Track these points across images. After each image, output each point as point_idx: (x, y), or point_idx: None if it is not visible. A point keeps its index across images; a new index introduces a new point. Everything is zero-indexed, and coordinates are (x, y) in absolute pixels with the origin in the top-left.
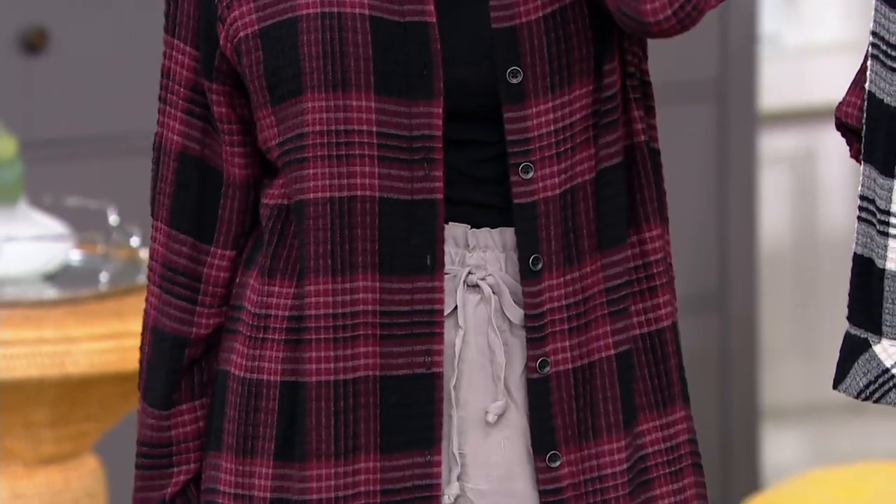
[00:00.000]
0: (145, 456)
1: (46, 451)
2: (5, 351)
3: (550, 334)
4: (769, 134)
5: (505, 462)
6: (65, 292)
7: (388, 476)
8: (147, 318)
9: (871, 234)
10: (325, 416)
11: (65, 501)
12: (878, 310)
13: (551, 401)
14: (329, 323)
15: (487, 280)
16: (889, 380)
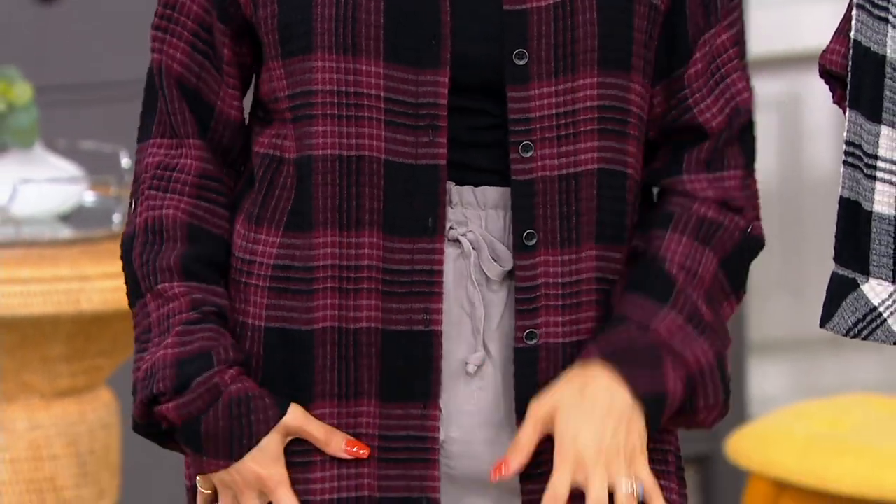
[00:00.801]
0: (206, 314)
1: (62, 385)
2: (22, 288)
3: (543, 307)
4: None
5: (477, 410)
6: (79, 232)
7: (386, 423)
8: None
9: (858, 177)
10: (331, 360)
11: (80, 432)
12: (865, 250)
13: (537, 370)
14: (335, 273)
15: (468, 236)
16: (877, 317)
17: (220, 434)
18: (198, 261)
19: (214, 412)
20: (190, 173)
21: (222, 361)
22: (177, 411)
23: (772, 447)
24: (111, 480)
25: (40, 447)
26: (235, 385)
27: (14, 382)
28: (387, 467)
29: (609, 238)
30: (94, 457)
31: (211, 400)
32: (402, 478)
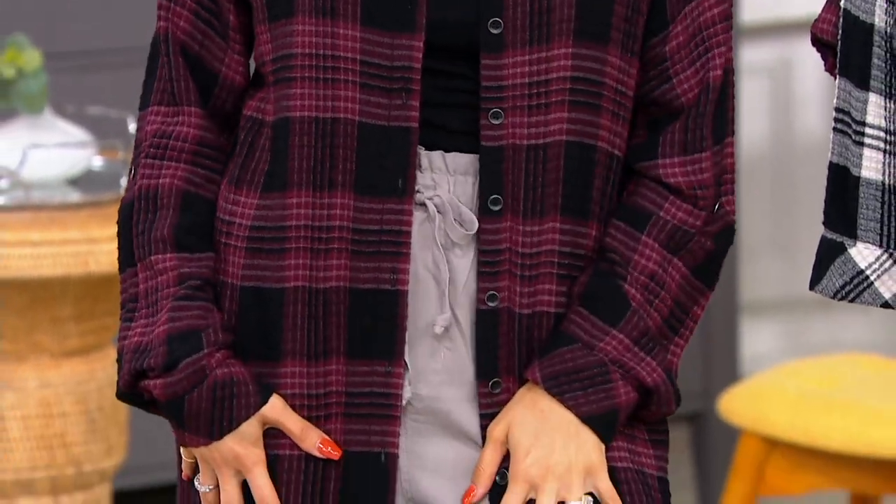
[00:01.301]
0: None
1: (71, 344)
2: (32, 251)
3: (506, 272)
4: (749, 46)
5: (445, 370)
6: (87, 196)
7: (352, 380)
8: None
9: (847, 143)
10: (301, 319)
11: (89, 390)
12: (853, 215)
13: (498, 333)
14: (308, 234)
15: (434, 200)
16: (864, 280)
17: (203, 414)
18: (190, 231)
19: (199, 393)
20: (187, 141)
21: (211, 343)
22: (163, 389)
23: (763, 405)
24: (119, 437)
25: (50, 405)
26: (221, 369)
27: (24, 342)
28: (350, 422)
29: (574, 211)
30: (102, 414)
31: (196, 381)
32: (364, 433)
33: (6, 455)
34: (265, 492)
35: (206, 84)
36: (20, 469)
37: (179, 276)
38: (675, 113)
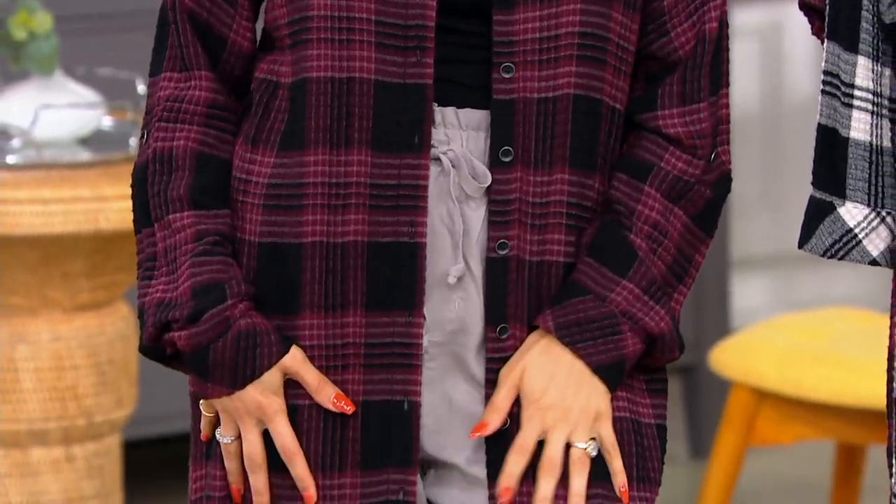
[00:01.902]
0: (214, 244)
1: (83, 299)
2: (44, 208)
3: (515, 221)
4: (740, 9)
5: (458, 319)
6: (97, 155)
7: (372, 331)
8: (177, 150)
9: (836, 105)
10: (319, 273)
11: (99, 344)
12: (841, 175)
13: (507, 280)
14: (325, 191)
15: (448, 154)
16: (852, 239)
17: (227, 364)
18: (205, 191)
19: (223, 343)
20: (199, 104)
21: (234, 295)
22: (188, 340)
23: (753, 358)
24: (129, 389)
25: (62, 358)
26: (245, 320)
27: (37, 297)
28: (371, 373)
29: (581, 163)
30: (113, 367)
31: (221, 332)
32: (385, 381)
33: (20, 406)
34: (287, 440)
35: (215, 50)
36: (33, 420)
37: (197, 232)
38: (673, 66)
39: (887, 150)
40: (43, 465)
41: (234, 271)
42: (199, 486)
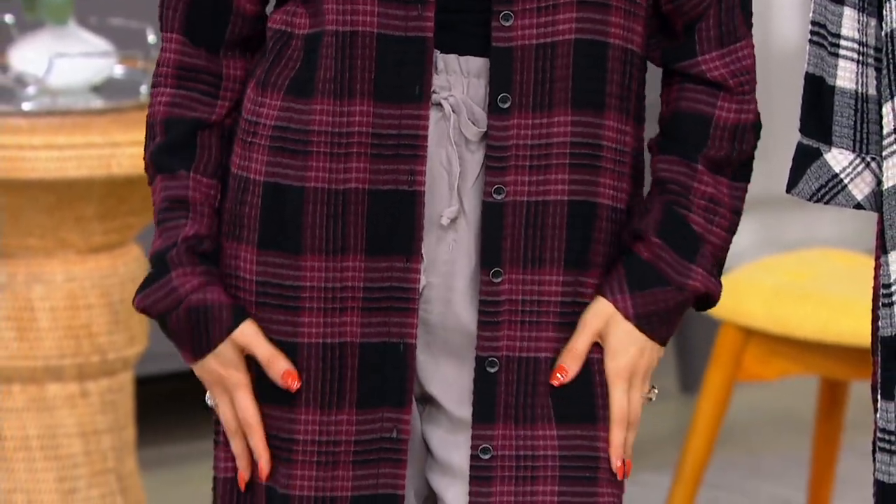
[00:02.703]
0: (167, 210)
1: (96, 241)
2: (58, 154)
3: (511, 167)
4: None
5: (451, 260)
6: (109, 102)
7: (370, 276)
8: (156, 116)
9: (822, 55)
10: (320, 218)
11: (112, 284)
12: (828, 122)
13: (503, 224)
14: (328, 139)
15: (449, 100)
16: (838, 184)
17: (184, 335)
18: (170, 151)
19: (177, 316)
20: (169, 65)
21: (177, 264)
22: (148, 310)
23: (741, 297)
24: (141, 327)
25: (77, 297)
26: (196, 295)
27: (52, 239)
28: (369, 315)
29: (585, 104)
30: (125, 306)
31: (172, 305)
32: (383, 324)
33: (36, 344)
34: (248, 413)
35: (222, 14)
36: (49, 357)
37: (163, 198)
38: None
39: (872, 98)
40: (59, 399)
41: (183, 233)
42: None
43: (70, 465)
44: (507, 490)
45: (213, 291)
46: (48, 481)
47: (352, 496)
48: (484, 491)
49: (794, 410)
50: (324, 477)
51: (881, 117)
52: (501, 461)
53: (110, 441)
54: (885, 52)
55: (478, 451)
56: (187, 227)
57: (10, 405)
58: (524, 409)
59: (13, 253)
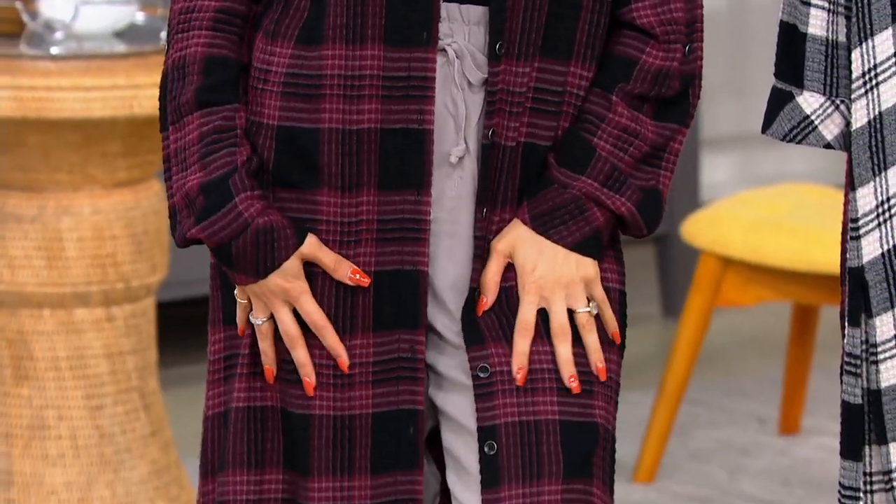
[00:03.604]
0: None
1: (120, 177)
2: (85, 95)
3: (498, 111)
4: None
5: (456, 196)
6: (132, 47)
7: (384, 209)
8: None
9: (795, 3)
10: (336, 156)
11: (135, 216)
12: (800, 67)
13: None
14: (341, 82)
15: (453, 46)
16: (809, 124)
17: (248, 258)
18: (212, 90)
19: (243, 240)
20: (209, 11)
21: (241, 189)
22: (208, 237)
23: (720, 228)
24: (162, 257)
25: (102, 229)
26: (262, 218)
27: (80, 174)
28: (383, 246)
29: (551, 50)
30: (147, 237)
31: (239, 229)
32: (396, 253)
33: (65, 271)
34: (315, 316)
35: None
36: (77, 284)
37: (201, 133)
38: None
39: (842, 45)
40: (86, 323)
41: (240, 159)
42: (219, 348)
43: (97, 383)
44: (510, 402)
45: (273, 213)
46: (77, 398)
47: (373, 413)
48: (488, 405)
49: (769, 334)
50: (341, 397)
51: (850, 63)
52: (500, 377)
53: (134, 362)
54: (854, 1)
55: (477, 371)
56: (241, 153)
57: (41, 328)
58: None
59: (43, 187)
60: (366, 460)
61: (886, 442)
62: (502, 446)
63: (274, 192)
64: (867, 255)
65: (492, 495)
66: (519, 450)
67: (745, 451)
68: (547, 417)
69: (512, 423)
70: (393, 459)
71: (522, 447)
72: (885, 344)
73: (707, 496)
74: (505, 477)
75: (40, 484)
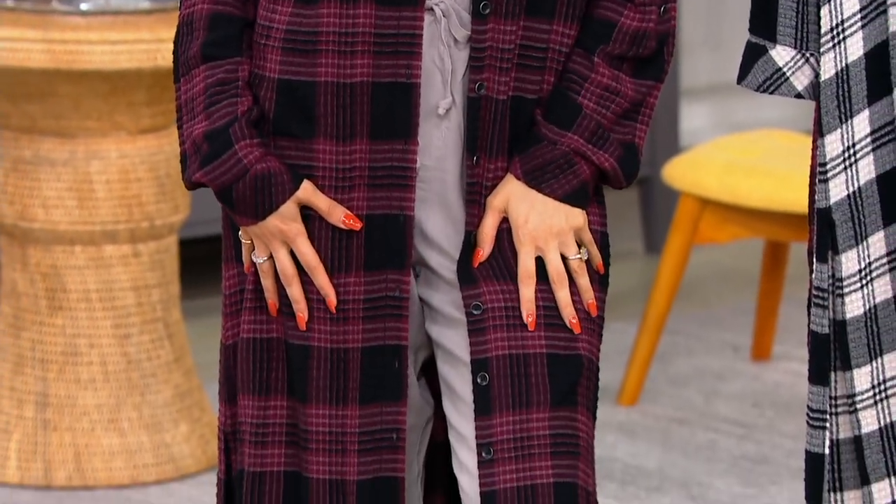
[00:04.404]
0: (217, 93)
1: (144, 124)
2: (112, 48)
3: (487, 66)
4: None
5: (443, 146)
6: (155, 3)
7: (374, 157)
8: (199, 13)
9: None
10: (331, 107)
11: (159, 161)
12: (773, 23)
13: (481, 116)
14: (336, 39)
15: (440, 6)
16: (781, 76)
17: (248, 201)
18: (216, 44)
19: (243, 184)
20: None
21: (240, 137)
22: (211, 182)
23: (698, 172)
24: (183, 198)
25: (128, 172)
26: (260, 164)
27: (107, 122)
28: (374, 191)
29: (535, 10)
30: (169, 179)
31: (239, 174)
32: (385, 199)
33: (94, 211)
34: (308, 257)
35: None
36: (105, 222)
37: (206, 85)
38: None
39: (812, 2)
40: (114, 259)
41: (241, 109)
42: (232, 283)
43: (124, 314)
44: (501, 336)
45: (271, 160)
46: (106, 328)
47: (362, 347)
48: (481, 339)
49: (743, 268)
50: (337, 331)
51: (819, 18)
52: (492, 313)
53: (158, 294)
54: None
55: (470, 308)
56: (242, 103)
57: (73, 263)
58: (503, 270)
59: (74, 133)
60: (356, 391)
61: (850, 368)
62: (494, 377)
63: (274, 141)
64: (834, 197)
65: (484, 422)
66: (509, 381)
67: (720, 377)
68: (535, 351)
69: (503, 356)
70: (379, 391)
71: (512, 378)
72: (850, 279)
73: (685, 417)
74: (496, 406)
75: (73, 405)
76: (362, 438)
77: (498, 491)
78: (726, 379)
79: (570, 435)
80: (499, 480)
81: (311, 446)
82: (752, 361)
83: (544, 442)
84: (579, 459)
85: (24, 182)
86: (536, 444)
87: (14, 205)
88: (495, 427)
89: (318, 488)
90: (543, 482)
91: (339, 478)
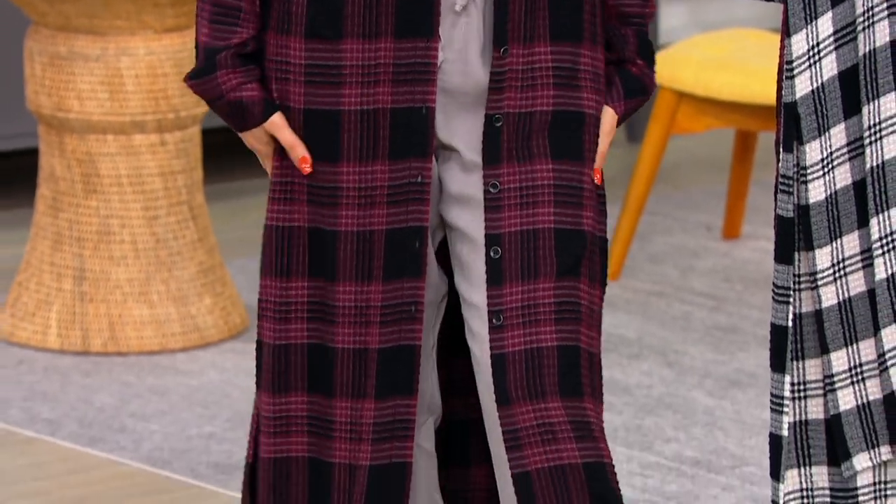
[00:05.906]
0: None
1: (169, 23)
2: None
3: None
4: None
5: (464, 39)
6: None
7: (398, 55)
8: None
9: None
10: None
11: (183, 57)
12: None
13: (509, 9)
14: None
15: None
16: None
17: (226, 117)
18: None
19: (220, 105)
20: None
21: (224, 66)
22: (197, 94)
23: (675, 67)
24: None
25: (155, 67)
26: (235, 93)
27: (135, 21)
28: (398, 86)
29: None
30: None
31: (216, 96)
32: (409, 93)
33: (124, 103)
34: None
35: None
36: (135, 114)
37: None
38: None
39: None
40: (143, 147)
41: (235, 40)
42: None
43: (153, 197)
44: (514, 214)
45: (249, 89)
46: (136, 210)
47: (386, 229)
48: (496, 216)
49: (716, 155)
50: (363, 215)
51: None
52: (508, 192)
53: (183, 179)
54: None
55: (488, 187)
56: (237, 35)
57: (105, 150)
58: (523, 151)
59: (105, 32)
60: (380, 270)
61: (813, 248)
62: (505, 251)
63: (307, 43)
64: (800, 92)
65: (496, 291)
66: (519, 254)
67: (695, 254)
68: (544, 226)
69: (515, 231)
70: (401, 268)
71: (522, 251)
72: (813, 167)
73: (662, 291)
74: (507, 276)
75: (107, 279)
76: (384, 311)
77: (507, 353)
78: (700, 256)
79: (573, 303)
80: (508, 344)
81: (338, 319)
82: (723, 240)
83: (549, 309)
84: (581, 325)
85: (60, 76)
86: (542, 311)
87: (51, 97)
88: (505, 296)
89: (343, 356)
90: (547, 345)
91: (362, 346)
